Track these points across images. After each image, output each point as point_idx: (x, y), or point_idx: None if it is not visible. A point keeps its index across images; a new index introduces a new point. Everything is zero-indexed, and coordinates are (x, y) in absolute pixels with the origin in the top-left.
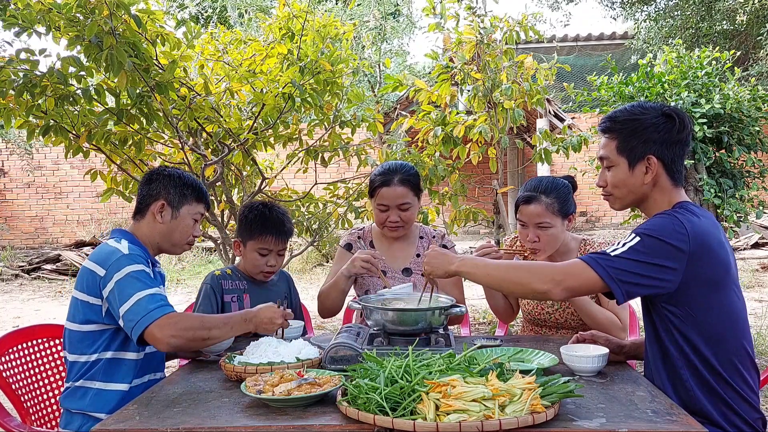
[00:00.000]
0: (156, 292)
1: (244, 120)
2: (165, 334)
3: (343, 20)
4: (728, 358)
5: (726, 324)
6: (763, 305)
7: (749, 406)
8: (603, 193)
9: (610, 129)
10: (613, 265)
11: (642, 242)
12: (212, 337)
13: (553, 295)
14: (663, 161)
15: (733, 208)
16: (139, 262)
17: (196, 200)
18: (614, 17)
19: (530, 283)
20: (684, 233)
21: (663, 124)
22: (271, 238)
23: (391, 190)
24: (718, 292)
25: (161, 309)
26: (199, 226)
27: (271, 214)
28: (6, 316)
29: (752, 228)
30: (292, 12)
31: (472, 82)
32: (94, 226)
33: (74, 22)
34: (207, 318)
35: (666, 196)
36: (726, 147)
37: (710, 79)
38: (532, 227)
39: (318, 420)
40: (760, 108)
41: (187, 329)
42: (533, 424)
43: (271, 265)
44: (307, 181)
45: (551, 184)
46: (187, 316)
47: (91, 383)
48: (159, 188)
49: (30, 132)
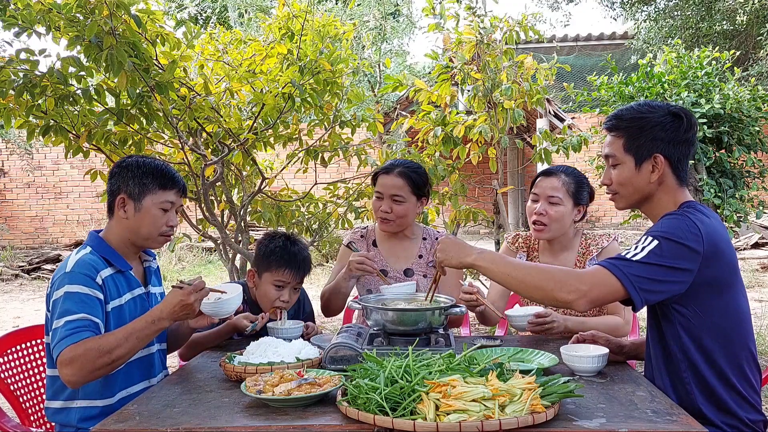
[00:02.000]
0: (72, 319)
1: (244, 120)
2: (64, 374)
3: (343, 20)
4: (734, 358)
5: (733, 324)
6: (763, 305)
7: (751, 407)
8: (608, 192)
9: (617, 127)
10: (633, 272)
11: (660, 246)
12: (118, 356)
13: (577, 305)
14: (669, 160)
15: (733, 208)
16: (76, 281)
17: (161, 188)
18: (614, 17)
19: (554, 290)
20: (698, 234)
21: (670, 123)
22: (291, 272)
23: (388, 178)
24: (726, 293)
25: (66, 340)
26: (173, 214)
27: (293, 247)
28: (6, 316)
29: (752, 228)
30: (291, 12)
31: (472, 82)
32: (94, 226)
33: (74, 22)
34: (104, 340)
35: (671, 196)
36: (726, 147)
37: (710, 79)
38: (543, 200)
39: (318, 420)
40: (760, 108)
41: (85, 362)
42: (533, 424)
43: (285, 300)
44: (307, 181)
45: (573, 170)
46: (82, 348)
47: (71, 403)
48: (119, 182)
49: (30, 132)
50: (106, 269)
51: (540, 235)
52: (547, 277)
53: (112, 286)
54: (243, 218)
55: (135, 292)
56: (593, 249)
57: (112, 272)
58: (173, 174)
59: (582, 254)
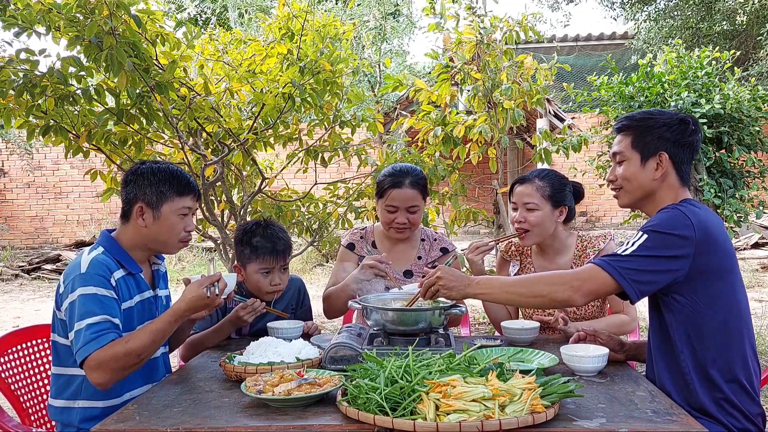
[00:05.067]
0: (95, 322)
1: (244, 120)
2: (93, 378)
3: (343, 20)
4: (734, 348)
5: (732, 314)
6: (763, 305)
7: (751, 400)
8: (612, 188)
9: (627, 126)
10: (624, 265)
11: (650, 238)
12: (145, 357)
13: (575, 301)
14: (673, 160)
15: (733, 208)
16: (92, 283)
17: (178, 195)
18: (614, 17)
19: (550, 293)
20: (689, 223)
21: (677, 125)
22: (272, 257)
23: (402, 192)
24: (724, 283)
25: (92, 344)
26: (191, 219)
27: (265, 232)
28: (6, 316)
29: (752, 228)
30: (291, 12)
31: (472, 82)
32: (94, 226)
33: (74, 22)
34: (131, 343)
35: (673, 194)
36: (726, 147)
37: (710, 79)
38: (521, 207)
39: (318, 420)
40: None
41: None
42: (533, 424)
43: (276, 284)
44: (307, 181)
45: (549, 172)
46: (110, 352)
47: (74, 402)
48: (135, 190)
49: (30, 132)
50: (118, 270)
51: (524, 242)
52: (542, 284)
53: (124, 287)
54: (243, 218)
55: (144, 294)
56: (590, 252)
57: (124, 274)
58: (188, 179)
59: (578, 256)
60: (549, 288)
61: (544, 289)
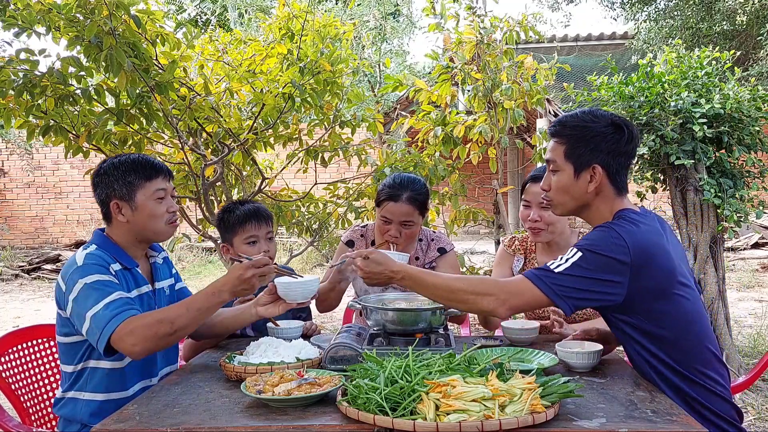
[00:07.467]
0: (111, 300)
1: (244, 120)
2: (127, 345)
3: (343, 20)
4: (689, 361)
5: (679, 330)
6: (763, 305)
7: (722, 399)
8: (543, 197)
9: (560, 133)
10: (557, 282)
11: (584, 257)
12: (179, 327)
13: (499, 314)
14: (608, 171)
15: (733, 208)
16: (91, 272)
17: (147, 179)
18: (614, 18)
19: (476, 302)
20: (624, 245)
21: (611, 135)
22: (254, 224)
23: (397, 206)
24: (663, 301)
25: (116, 319)
26: (170, 200)
27: (246, 205)
28: (6, 316)
29: (752, 228)
30: (291, 12)
31: (472, 82)
32: (94, 226)
33: (74, 22)
34: (165, 310)
35: (608, 205)
36: (726, 147)
37: (710, 79)
38: (535, 206)
39: (318, 420)
40: (760, 108)
41: (146, 331)
42: (533, 424)
43: (266, 251)
44: (307, 181)
45: None
46: (143, 318)
47: (80, 394)
48: (105, 189)
49: (30, 132)
50: (114, 264)
51: (538, 238)
52: (468, 291)
53: (122, 280)
54: None
55: (142, 289)
56: None
57: (120, 268)
58: (153, 161)
59: None
60: (474, 297)
61: (470, 298)
